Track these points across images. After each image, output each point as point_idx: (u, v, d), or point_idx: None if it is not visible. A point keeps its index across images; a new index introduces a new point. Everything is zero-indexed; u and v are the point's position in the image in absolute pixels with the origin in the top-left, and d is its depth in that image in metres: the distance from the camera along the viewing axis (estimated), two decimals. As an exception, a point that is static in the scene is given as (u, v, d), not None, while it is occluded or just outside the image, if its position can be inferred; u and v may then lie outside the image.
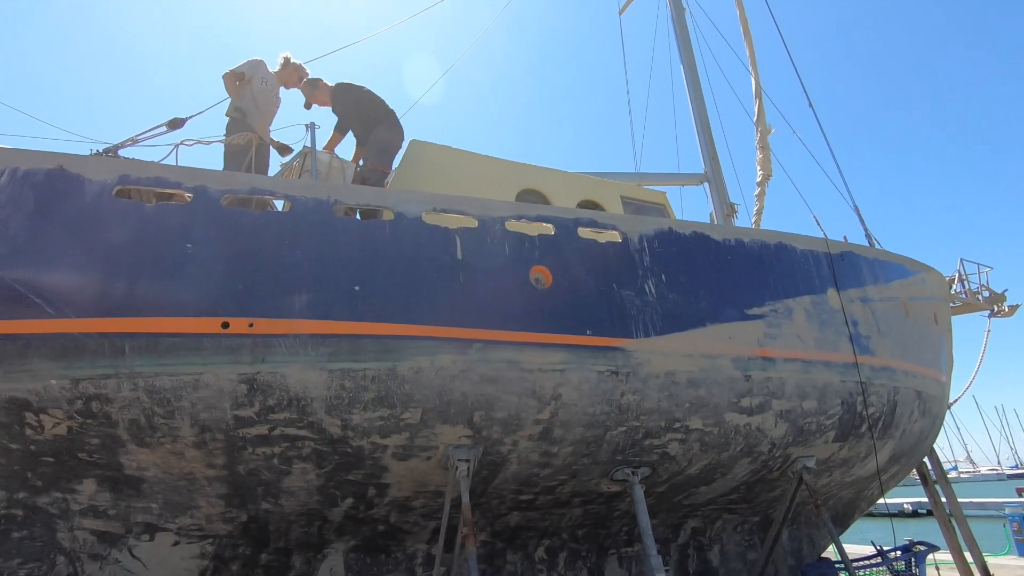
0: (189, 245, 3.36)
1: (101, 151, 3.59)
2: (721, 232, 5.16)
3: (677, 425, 4.45)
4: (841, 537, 6.48)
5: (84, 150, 3.57)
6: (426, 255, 3.88)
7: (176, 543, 3.96)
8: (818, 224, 6.14)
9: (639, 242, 4.64)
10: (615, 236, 4.58)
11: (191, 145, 3.81)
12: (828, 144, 7.62)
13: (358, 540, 4.46)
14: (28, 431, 3.31)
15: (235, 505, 3.91)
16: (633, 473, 4.54)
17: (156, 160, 3.71)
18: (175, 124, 3.93)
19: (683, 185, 7.68)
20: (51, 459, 3.46)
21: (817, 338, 5.08)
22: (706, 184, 7.59)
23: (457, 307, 3.85)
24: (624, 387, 4.20)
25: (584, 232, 4.50)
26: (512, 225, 4.24)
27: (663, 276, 4.60)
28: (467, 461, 3.90)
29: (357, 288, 3.61)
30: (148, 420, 3.33)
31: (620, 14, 10.00)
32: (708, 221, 7.27)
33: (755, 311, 4.87)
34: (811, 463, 5.18)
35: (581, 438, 4.21)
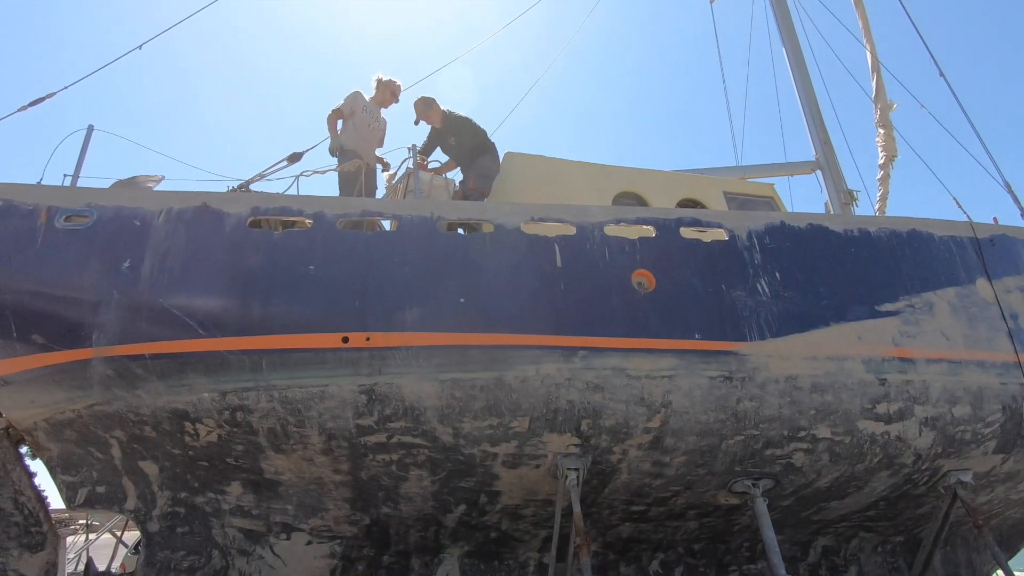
0: (311, 267, 3.65)
1: (236, 187, 4.02)
2: (841, 222, 4.74)
3: (802, 434, 4.12)
4: (1011, 563, 5.63)
5: (221, 186, 4.01)
6: (526, 265, 3.92)
7: (309, 542, 4.28)
8: (959, 206, 5.44)
9: (748, 239, 4.38)
10: (721, 234, 4.36)
11: (309, 176, 4.16)
12: (967, 115, 6.72)
13: (472, 546, 4.57)
14: (187, 438, 3.75)
15: (359, 508, 4.16)
16: (754, 485, 4.26)
17: (281, 192, 4.08)
18: (294, 158, 4.32)
19: (792, 175, 7.15)
20: (205, 463, 3.89)
21: (967, 335, 4.48)
22: (819, 172, 7.01)
23: (559, 315, 3.85)
24: (740, 393, 3.96)
25: (687, 232, 4.33)
26: (611, 230, 4.17)
27: (777, 274, 4.30)
28: (576, 470, 3.86)
29: (462, 300, 3.73)
30: (283, 428, 3.64)
31: (712, 3, 9.58)
32: (824, 212, 6.71)
33: (887, 307, 4.40)
34: (967, 477, 4.55)
35: (695, 447, 4.02)
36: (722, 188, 5.65)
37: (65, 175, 3.83)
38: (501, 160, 5.30)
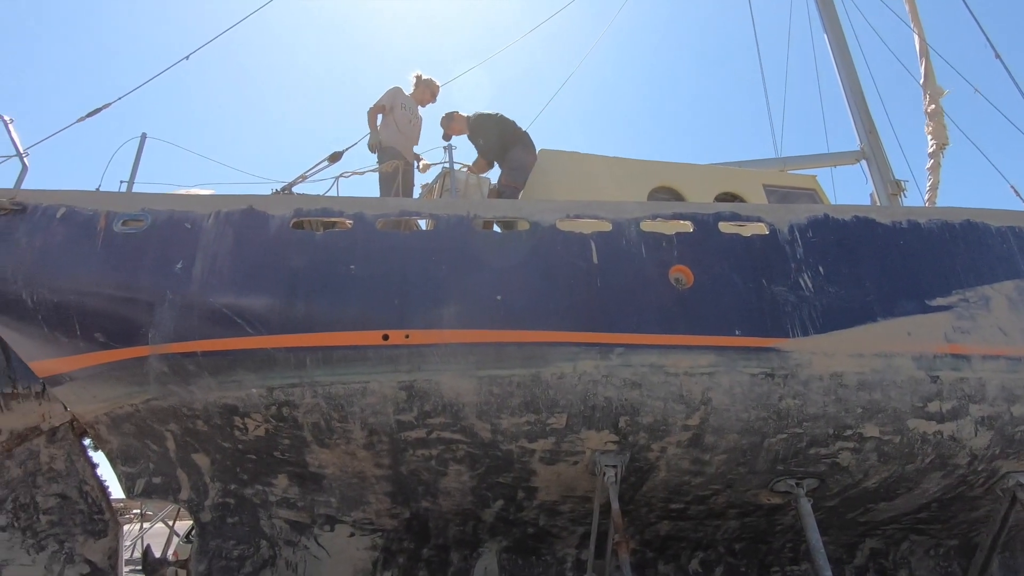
0: (352, 266, 3.75)
1: (279, 189, 4.15)
2: (889, 214, 4.57)
3: (848, 433, 4.00)
4: (1075, 570, 5.35)
5: (266, 189, 4.14)
6: (562, 262, 3.93)
7: (352, 534, 4.39)
8: (1017, 194, 5.17)
9: (789, 232, 4.27)
10: (761, 228, 4.26)
11: (349, 176, 4.26)
12: (1025, 99, 6.36)
13: (510, 541, 4.61)
14: (236, 432, 3.90)
15: (399, 502, 4.25)
16: (797, 485, 4.16)
17: (321, 193, 4.19)
18: (335, 158, 4.43)
19: (835, 166, 6.92)
20: (253, 456, 4.04)
21: (1027, 331, 4.27)
22: (864, 162, 6.76)
23: (596, 312, 3.84)
24: (782, 391, 3.87)
25: (725, 227, 4.25)
26: (647, 225, 4.13)
27: (820, 268, 4.18)
28: (614, 467, 3.85)
29: (499, 298, 3.76)
30: (327, 423, 3.75)
31: (748, -9, 9.33)
32: (870, 204, 6.48)
33: (939, 302, 4.22)
34: (1027, 479, 4.34)
35: (736, 445, 3.96)
36: (761, 181, 5.52)
37: (121, 181, 4.03)
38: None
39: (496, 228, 4.28)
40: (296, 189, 4.31)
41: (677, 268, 4.01)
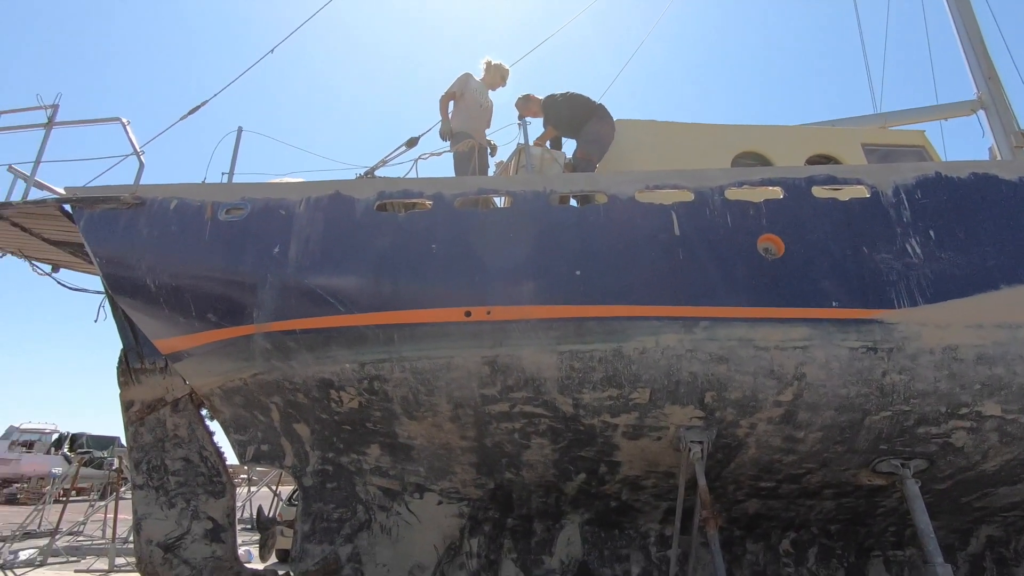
0: (434, 245, 3.85)
1: (362, 174, 4.31)
2: (1014, 169, 4.08)
3: (964, 411, 3.68)
4: None
5: (350, 174, 4.32)
6: (642, 234, 3.83)
7: (440, 502, 4.60)
8: None
9: (894, 194, 3.92)
10: (861, 191, 3.95)
11: (426, 158, 4.36)
12: None
13: (592, 514, 4.66)
14: (332, 404, 4.16)
15: (484, 473, 4.39)
16: (903, 465, 3.89)
17: (401, 175, 4.32)
18: (412, 143, 4.54)
19: (946, 118, 6.23)
20: (348, 427, 4.30)
21: None
22: (981, 112, 6.04)
23: (679, 285, 3.73)
24: (886, 365, 3.61)
25: (820, 191, 3.97)
26: (733, 193, 3.94)
27: (931, 232, 3.82)
28: (700, 443, 3.78)
29: (578, 272, 3.74)
30: (415, 397, 3.92)
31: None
32: (989, 159, 5.80)
33: (1076, 266, 3.75)
34: None
35: (833, 423, 3.75)
36: (860, 140, 5.08)
37: (223, 173, 4.34)
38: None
39: (573, 202, 4.23)
40: (377, 173, 4.46)
41: (766, 237, 3.81)
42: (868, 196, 3.91)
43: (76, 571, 10.12)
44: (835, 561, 4.76)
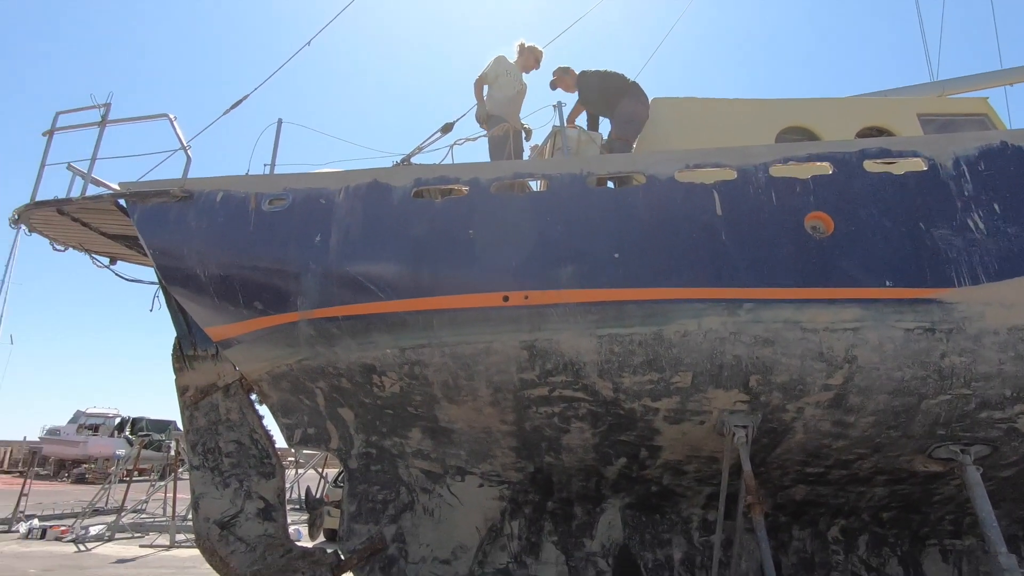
0: (471, 231, 3.86)
1: (399, 161, 4.35)
2: None
3: (1032, 395, 3.48)
4: None
5: (388, 162, 4.36)
6: (683, 215, 3.74)
7: (481, 485, 4.66)
8: None
9: (954, 166, 3.70)
10: (917, 164, 3.74)
11: (462, 144, 4.35)
12: None
13: (633, 498, 4.64)
14: (375, 389, 4.25)
15: (524, 457, 4.42)
16: (963, 452, 3.72)
17: (437, 162, 4.33)
18: (447, 129, 4.55)
19: (1012, 84, 5.82)
20: (390, 412, 4.39)
21: None
22: (1051, 75, 5.61)
23: (722, 266, 3.64)
24: (945, 347, 3.44)
25: (872, 165, 3.78)
26: (778, 170, 3.80)
27: (996, 205, 3.60)
28: (744, 427, 3.70)
29: (617, 255, 3.68)
30: (455, 381, 3.96)
31: None
32: (1059, 125, 5.40)
33: None
34: None
35: (886, 407, 3.61)
36: (916, 110, 4.80)
37: (264, 164, 4.45)
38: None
39: (610, 184, 4.16)
40: (414, 160, 4.49)
41: (814, 215, 3.66)
42: (925, 169, 3.70)
43: (141, 546, 10.76)
44: (887, 549, 4.61)
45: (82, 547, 10.47)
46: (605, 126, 5.43)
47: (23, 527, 12.01)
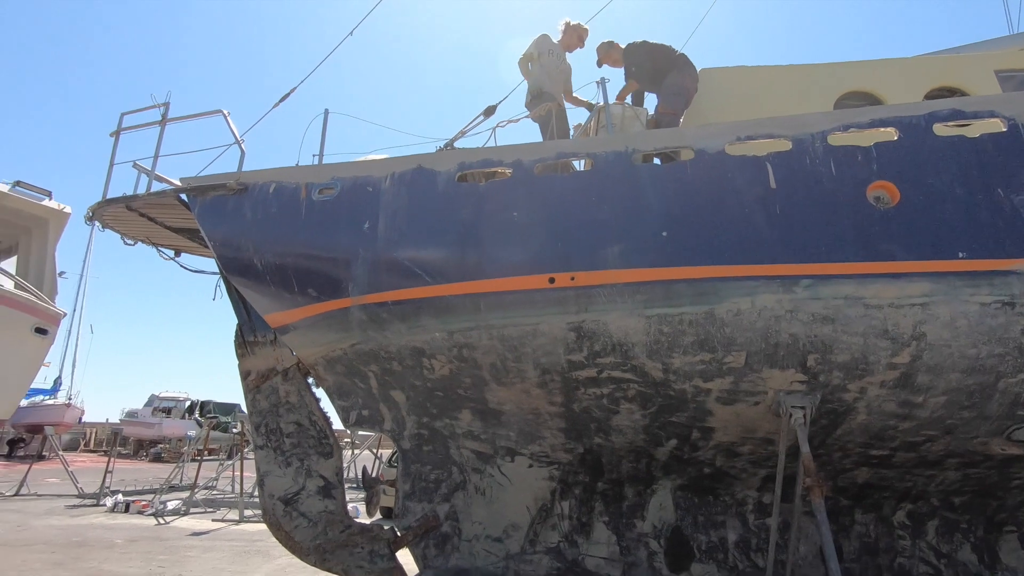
0: (515, 213, 3.85)
1: (443, 146, 4.37)
2: None
3: None
4: None
5: (432, 147, 4.39)
6: (734, 189, 3.61)
7: (530, 465, 4.71)
8: None
9: None
10: (995, 125, 3.46)
11: (504, 126, 4.33)
12: None
13: (685, 480, 4.58)
14: (425, 372, 4.34)
15: (572, 438, 4.43)
16: (1046, 433, 3.47)
17: (479, 145, 4.33)
18: (489, 112, 4.53)
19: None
20: (440, 393, 4.48)
21: None
22: None
23: (776, 242, 3.49)
24: (1026, 322, 3.20)
25: (943, 129, 3.53)
26: (837, 138, 3.60)
27: None
28: (802, 408, 3.57)
29: (665, 234, 3.60)
30: (503, 363, 3.99)
31: None
32: None
33: None
34: None
35: (959, 386, 3.40)
36: (993, 66, 4.43)
37: (313, 155, 4.57)
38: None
39: (657, 160, 4.05)
40: (458, 145, 4.50)
41: (878, 185, 3.46)
42: (1004, 130, 3.42)
43: (213, 520, 11.49)
44: (959, 536, 4.38)
45: (161, 520, 11.28)
46: (651, 103, 5.28)
47: (109, 501, 13.05)
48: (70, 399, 27.10)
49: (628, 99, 5.18)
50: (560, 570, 4.57)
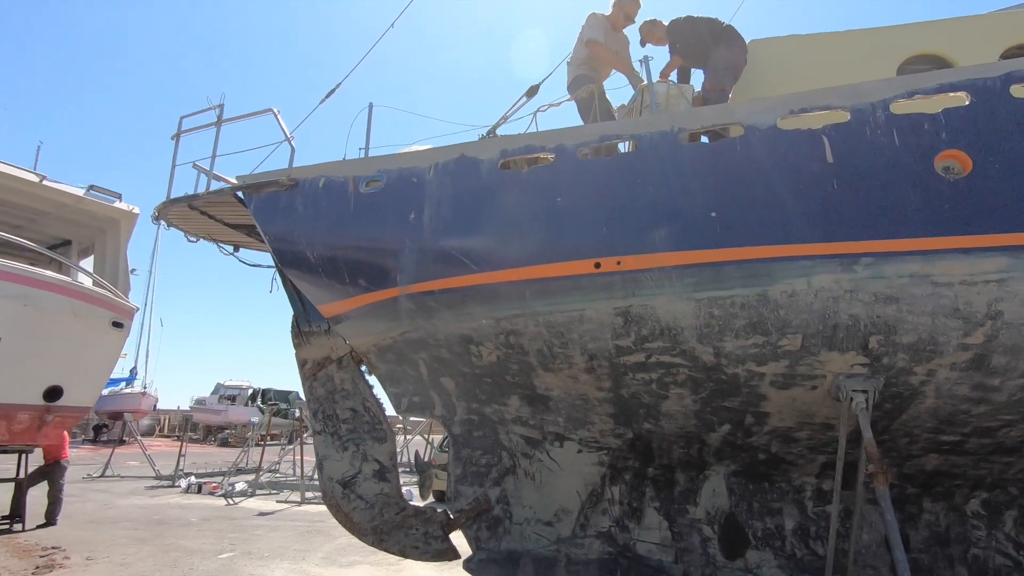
0: (559, 198, 3.82)
1: (485, 134, 4.38)
2: None
3: None
4: None
5: (474, 135, 4.40)
6: (787, 166, 3.46)
7: (580, 451, 4.72)
8: None
9: None
10: None
11: (545, 110, 4.29)
12: None
13: (739, 465, 4.48)
14: (473, 359, 4.41)
15: (621, 423, 4.40)
16: None
17: (522, 131, 4.31)
18: (532, 92, 4.48)
19: None
20: (489, 380, 4.54)
21: None
22: None
23: (834, 219, 3.33)
24: (1120, 298, 2.94)
25: (1021, 90, 3.25)
26: (901, 106, 3.38)
27: None
28: (864, 392, 3.42)
29: (714, 214, 3.49)
30: (549, 350, 4.00)
31: None
32: None
33: None
34: None
35: None
36: (1082, 17, 4.04)
37: (359, 148, 4.67)
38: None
39: (704, 140, 3.92)
40: (500, 132, 4.50)
41: (947, 154, 3.23)
42: None
43: (277, 501, 12.11)
44: (1041, 526, 4.11)
45: (230, 501, 11.98)
46: (697, 79, 5.10)
47: (183, 483, 13.96)
48: (145, 388, 29.05)
49: (673, 77, 5.02)
50: (611, 555, 4.58)
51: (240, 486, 13.04)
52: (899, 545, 3.15)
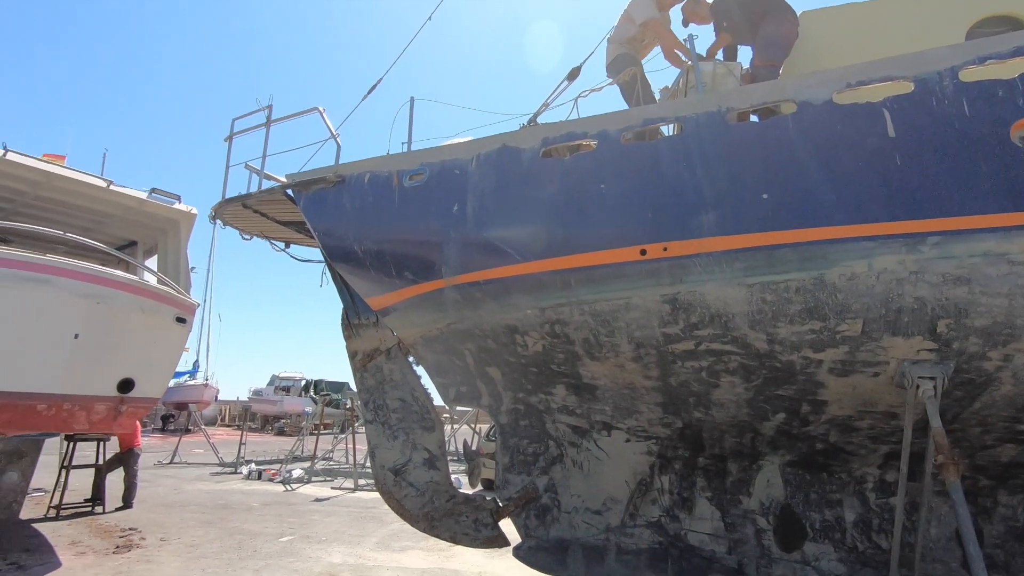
0: (602, 185, 3.77)
1: (526, 123, 4.35)
2: None
3: None
4: None
5: (516, 124, 4.39)
6: (845, 142, 3.29)
7: (628, 440, 4.68)
8: None
9: None
10: None
11: (586, 95, 4.22)
12: None
13: (794, 456, 4.34)
14: (518, 348, 4.42)
15: (670, 412, 4.33)
16: None
17: (564, 118, 4.26)
18: (573, 75, 4.41)
19: None
20: (535, 369, 4.55)
21: None
22: None
23: (896, 196, 3.15)
24: None
25: None
26: (971, 73, 3.15)
27: None
28: (932, 379, 3.24)
29: (765, 196, 3.37)
30: (595, 338, 3.97)
31: None
32: None
33: None
34: None
35: None
36: None
37: (402, 143, 4.74)
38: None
39: (754, 118, 3.78)
40: (541, 119, 4.47)
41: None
42: None
43: (331, 488, 12.57)
44: None
45: (288, 487, 12.51)
46: (745, 56, 4.91)
47: (244, 470, 14.66)
48: (207, 380, 30.59)
49: (720, 55, 4.85)
50: (662, 544, 4.54)
51: (297, 473, 13.59)
52: (973, 539, 2.99)
